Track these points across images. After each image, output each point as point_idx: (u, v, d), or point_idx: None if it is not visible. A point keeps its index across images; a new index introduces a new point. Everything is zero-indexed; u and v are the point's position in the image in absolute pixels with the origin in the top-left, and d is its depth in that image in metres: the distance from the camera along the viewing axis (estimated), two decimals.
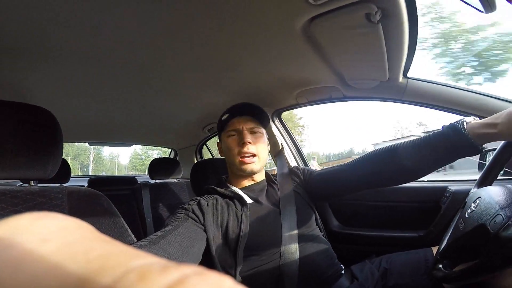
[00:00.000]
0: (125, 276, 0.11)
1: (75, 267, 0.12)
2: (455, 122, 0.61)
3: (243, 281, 0.71)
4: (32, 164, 0.59)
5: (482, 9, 0.51)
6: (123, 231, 0.67)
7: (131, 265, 0.11)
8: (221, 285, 0.11)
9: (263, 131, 0.87)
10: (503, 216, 0.51)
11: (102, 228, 0.65)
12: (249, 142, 0.80)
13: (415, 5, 0.55)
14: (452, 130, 0.60)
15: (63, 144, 0.66)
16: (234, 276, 0.71)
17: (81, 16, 0.65)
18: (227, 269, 0.72)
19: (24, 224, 0.14)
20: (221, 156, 0.94)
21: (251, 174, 0.84)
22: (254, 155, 0.82)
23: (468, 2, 0.51)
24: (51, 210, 0.61)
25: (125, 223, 0.70)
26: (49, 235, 0.13)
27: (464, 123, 0.59)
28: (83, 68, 0.92)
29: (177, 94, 1.21)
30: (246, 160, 0.80)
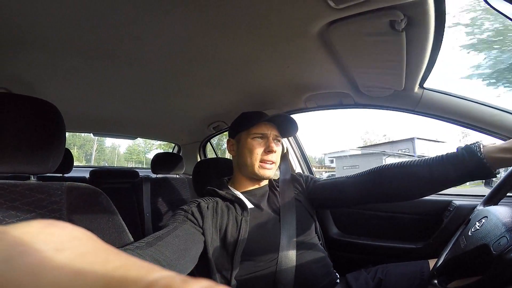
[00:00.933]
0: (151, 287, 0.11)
1: (96, 276, 0.12)
2: (471, 145, 0.60)
3: (238, 286, 0.71)
4: (33, 158, 0.57)
5: None
6: (120, 231, 0.66)
7: (153, 278, 0.11)
8: None
9: (282, 141, 0.90)
10: (508, 238, 0.50)
11: (100, 227, 0.63)
12: (274, 151, 0.82)
13: (445, 14, 0.52)
14: (467, 153, 0.59)
15: (65, 138, 0.65)
16: (229, 280, 0.71)
17: (88, 11, 0.63)
18: (223, 273, 0.72)
19: (35, 231, 0.14)
20: (230, 153, 0.92)
21: (264, 179, 0.86)
22: (273, 163, 0.84)
23: (505, 14, 0.48)
24: (50, 206, 0.60)
25: (123, 222, 0.69)
26: (62, 244, 0.13)
27: (481, 146, 0.58)
28: (89, 63, 0.91)
29: (184, 91, 1.19)
30: (267, 166, 0.82)
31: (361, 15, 0.55)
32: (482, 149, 0.58)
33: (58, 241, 0.13)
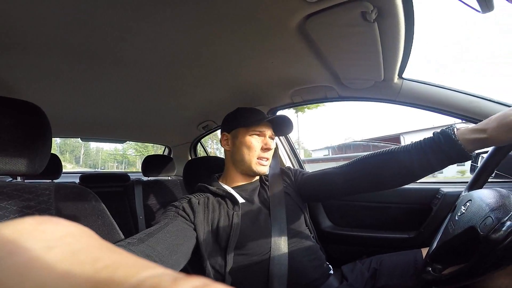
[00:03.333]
0: None
1: (84, 277, 0.11)
2: (445, 128, 0.62)
3: (232, 281, 0.71)
4: (18, 159, 0.57)
5: (479, 9, 0.50)
6: (111, 229, 0.66)
7: (141, 277, 0.11)
8: None
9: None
10: (493, 218, 0.51)
11: (89, 226, 0.62)
12: (271, 149, 0.87)
13: (412, 5, 0.55)
14: (443, 136, 0.61)
15: (51, 138, 0.64)
16: (223, 275, 0.71)
17: (72, 11, 0.63)
18: (217, 268, 0.72)
19: (27, 229, 0.13)
20: (225, 148, 0.92)
21: (259, 175, 0.88)
22: (268, 159, 0.87)
23: (465, 2, 0.50)
24: (38, 206, 0.60)
25: (113, 220, 0.69)
26: (54, 242, 0.13)
27: (455, 129, 0.60)
28: (74, 64, 0.90)
29: (172, 91, 1.19)
30: (263, 162, 0.85)
31: (335, 7, 0.57)
32: (456, 132, 0.59)
33: (49, 238, 0.13)
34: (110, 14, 0.65)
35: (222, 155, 1.15)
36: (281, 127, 0.91)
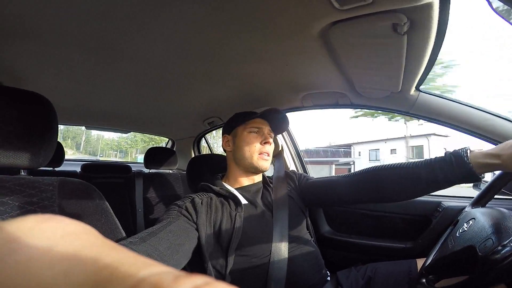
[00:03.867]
0: (138, 287, 0.10)
1: (85, 276, 0.11)
2: (458, 150, 0.62)
3: (232, 281, 0.72)
4: (23, 152, 0.55)
5: None
6: (113, 228, 0.65)
7: (142, 275, 0.11)
8: None
9: (276, 138, 0.93)
10: (493, 240, 0.52)
11: (92, 224, 0.61)
12: (270, 143, 0.87)
13: (447, 18, 0.53)
14: (455, 158, 0.61)
15: (57, 131, 0.63)
16: (224, 275, 0.71)
17: (79, 2, 0.61)
18: (218, 269, 0.72)
19: (30, 227, 0.13)
20: (226, 149, 0.93)
21: (261, 171, 0.88)
22: (268, 155, 0.87)
23: (504, 17, 0.48)
24: (41, 203, 0.58)
25: (116, 219, 0.67)
26: (56, 240, 0.13)
27: (468, 151, 0.60)
28: (83, 55, 0.88)
29: (181, 85, 1.17)
30: (265, 157, 0.86)
31: (364, 17, 0.55)
32: (469, 155, 0.59)
33: (51, 237, 0.13)
34: (123, 7, 0.63)
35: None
36: (276, 122, 0.93)
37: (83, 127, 1.99)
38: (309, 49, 0.78)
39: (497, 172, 0.77)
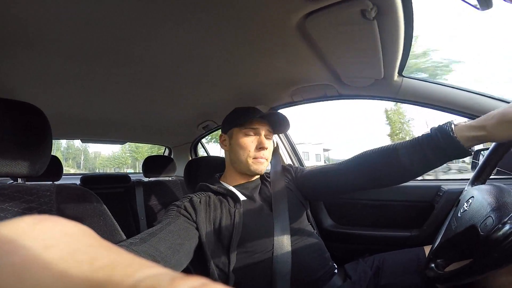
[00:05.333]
0: None
1: (81, 277, 0.11)
2: (443, 125, 0.60)
3: (236, 280, 0.71)
4: (19, 161, 0.57)
5: (478, 6, 0.51)
6: (112, 230, 0.66)
7: (139, 277, 0.11)
8: None
9: (273, 137, 0.91)
10: (493, 218, 0.51)
11: (91, 227, 0.61)
12: (266, 148, 0.84)
13: (411, 3, 0.55)
14: (440, 133, 0.60)
15: (51, 140, 0.64)
16: (227, 273, 0.70)
17: (73, 10, 0.63)
18: (220, 267, 0.72)
19: (26, 228, 0.13)
20: (223, 148, 0.92)
21: (257, 174, 0.87)
22: (265, 159, 0.85)
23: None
24: (39, 208, 0.60)
25: (115, 221, 0.69)
26: (52, 241, 0.13)
27: (452, 125, 0.59)
28: (74, 64, 0.90)
29: (171, 92, 1.19)
30: (260, 161, 0.83)
31: (334, 6, 0.57)
32: (454, 128, 0.58)
33: (48, 237, 0.13)
34: (112, 15, 0.65)
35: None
36: (277, 124, 0.90)
37: (81, 147, 2.01)
38: (290, 43, 0.80)
39: (491, 146, 0.76)
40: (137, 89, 1.14)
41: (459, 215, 0.67)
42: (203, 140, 2.18)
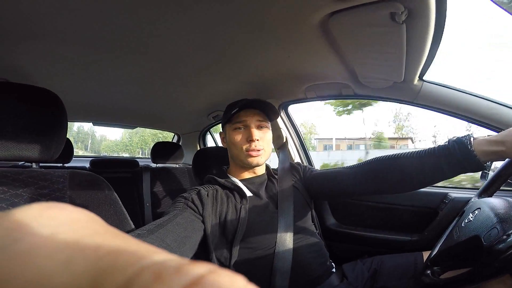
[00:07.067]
0: (139, 276, 0.10)
1: (85, 264, 0.11)
2: (462, 137, 0.59)
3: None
4: (35, 145, 0.57)
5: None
6: (122, 219, 0.67)
7: (144, 264, 0.11)
8: (235, 284, 0.11)
9: (269, 124, 0.86)
10: (498, 230, 0.51)
11: (102, 215, 0.64)
12: (257, 140, 0.80)
13: (446, 7, 0.52)
14: (458, 145, 0.58)
15: (67, 126, 0.65)
16: (228, 268, 0.71)
17: (85, 1, 0.62)
18: (222, 261, 0.73)
19: (33, 215, 0.13)
20: (223, 146, 0.93)
21: (255, 166, 0.84)
22: (259, 150, 0.81)
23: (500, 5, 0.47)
24: (52, 194, 0.61)
25: (125, 210, 0.69)
26: (59, 227, 0.13)
27: (471, 138, 0.57)
28: (89, 52, 0.90)
29: (184, 80, 1.19)
30: (253, 153, 0.80)
31: (362, 6, 0.55)
32: (472, 142, 0.57)
33: (55, 224, 0.13)
34: (126, 4, 0.64)
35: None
36: (266, 109, 0.83)
37: (89, 131, 2.03)
38: (310, 40, 0.78)
39: (504, 162, 0.75)
40: (149, 77, 1.14)
41: (462, 225, 0.67)
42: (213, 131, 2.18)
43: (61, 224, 0.13)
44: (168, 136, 2.52)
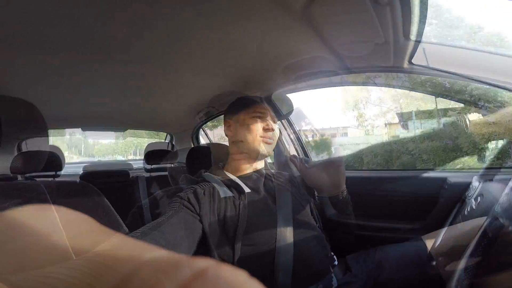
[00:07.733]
0: (138, 271, 0.10)
1: (83, 261, 0.11)
2: None
3: None
4: (17, 157, 0.54)
5: None
6: (115, 224, 0.64)
7: (142, 260, 0.11)
8: (236, 278, 0.11)
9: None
10: (503, 219, 0.50)
11: None
12: (273, 129, 0.86)
13: None
14: None
15: (48, 136, 0.63)
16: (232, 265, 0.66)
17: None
18: (225, 259, 0.71)
19: (28, 216, 0.14)
20: (227, 134, 0.92)
21: (264, 156, 0.88)
22: (271, 139, 0.87)
23: None
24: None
25: (117, 216, 0.67)
26: (54, 227, 0.14)
27: None
28: (69, 56, 0.86)
29: (166, 77, 1.14)
30: (268, 141, 0.85)
31: None
32: None
33: (50, 224, 0.14)
34: (102, 8, 0.60)
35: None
36: (281, 107, 0.93)
37: (82, 136, 2.06)
38: (292, 26, 0.73)
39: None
40: (132, 75, 1.09)
41: (465, 213, 0.67)
42: (207, 129, 2.14)
43: (55, 224, 0.14)
44: (161, 135, 2.50)
